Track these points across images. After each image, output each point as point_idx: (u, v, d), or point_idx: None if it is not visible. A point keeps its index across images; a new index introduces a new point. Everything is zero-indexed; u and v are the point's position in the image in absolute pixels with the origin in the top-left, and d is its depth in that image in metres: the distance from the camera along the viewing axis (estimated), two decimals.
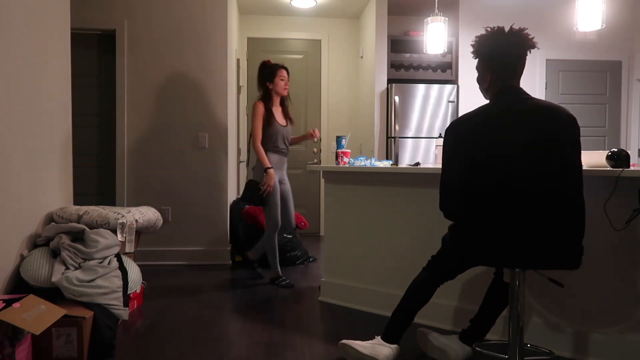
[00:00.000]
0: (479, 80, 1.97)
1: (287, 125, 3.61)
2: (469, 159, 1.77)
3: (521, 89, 1.86)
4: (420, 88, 4.88)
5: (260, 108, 3.49)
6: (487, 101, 1.94)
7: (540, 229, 1.69)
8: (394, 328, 2.08)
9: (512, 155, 1.71)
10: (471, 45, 1.95)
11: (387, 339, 2.09)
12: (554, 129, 1.72)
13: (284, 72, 3.54)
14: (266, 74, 3.53)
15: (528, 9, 5.04)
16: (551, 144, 1.71)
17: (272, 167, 3.46)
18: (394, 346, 2.08)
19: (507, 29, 1.87)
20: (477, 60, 1.96)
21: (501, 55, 1.86)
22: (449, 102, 4.91)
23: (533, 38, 1.86)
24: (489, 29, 1.89)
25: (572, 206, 1.71)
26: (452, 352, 2.14)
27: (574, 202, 1.71)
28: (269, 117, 3.49)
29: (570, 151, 1.73)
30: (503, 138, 1.73)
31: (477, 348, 2.28)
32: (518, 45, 1.85)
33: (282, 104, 3.64)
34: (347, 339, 2.44)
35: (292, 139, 3.68)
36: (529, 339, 2.34)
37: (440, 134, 4.88)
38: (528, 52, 1.87)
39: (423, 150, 4.90)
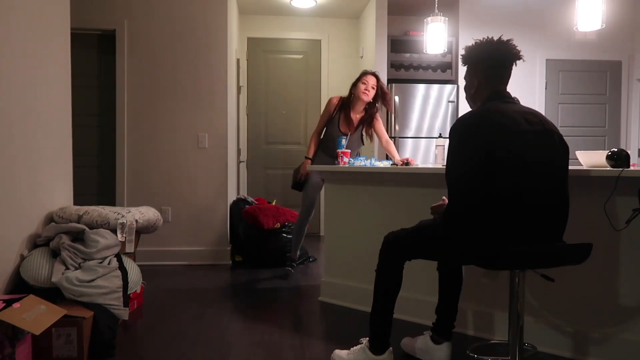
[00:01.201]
0: (466, 87, 2.00)
1: (350, 134, 3.50)
2: (474, 160, 1.74)
3: (509, 93, 1.90)
4: (420, 88, 4.88)
5: (329, 103, 3.58)
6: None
7: (545, 229, 1.73)
8: (378, 332, 2.02)
9: (519, 155, 1.71)
10: (461, 55, 1.99)
11: (375, 348, 2.02)
12: (549, 131, 1.79)
13: (368, 78, 3.46)
14: (356, 79, 3.52)
15: (528, 9, 5.04)
16: (549, 143, 1.77)
17: (310, 158, 3.59)
18: (386, 354, 2.02)
19: (495, 39, 1.91)
20: (465, 68, 1.99)
21: (490, 61, 1.89)
22: (449, 102, 4.91)
23: (520, 52, 1.89)
24: (478, 41, 1.93)
25: (567, 204, 1.80)
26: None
27: (567, 200, 1.80)
28: (333, 119, 3.53)
29: (562, 152, 1.80)
30: (507, 138, 1.72)
31: (472, 354, 2.28)
32: (507, 53, 1.88)
33: (367, 112, 3.53)
34: (347, 338, 2.44)
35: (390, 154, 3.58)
36: (528, 339, 2.34)
37: (440, 134, 4.87)
38: (514, 64, 1.90)
39: (423, 150, 4.90)
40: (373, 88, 3.45)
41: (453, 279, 2.16)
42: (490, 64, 1.89)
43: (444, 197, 2.09)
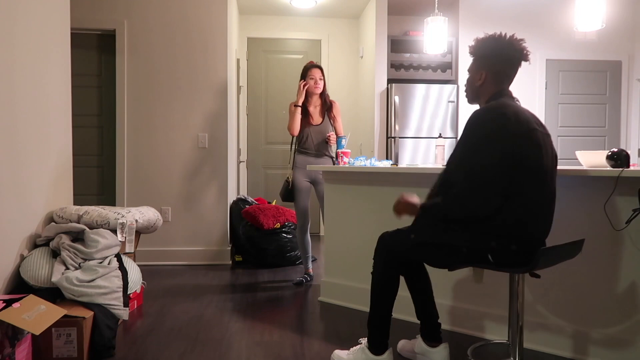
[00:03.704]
0: (470, 79, 1.94)
1: (321, 123, 3.60)
2: (496, 160, 1.71)
3: (511, 93, 1.90)
4: (420, 88, 4.88)
5: (290, 109, 3.64)
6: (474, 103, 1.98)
7: (547, 228, 1.79)
8: (377, 334, 1.99)
9: (537, 159, 1.74)
10: (469, 46, 1.94)
11: (374, 349, 2.01)
12: (549, 134, 1.86)
13: (314, 72, 3.55)
14: (302, 75, 3.60)
15: (528, 9, 5.04)
16: (552, 146, 1.84)
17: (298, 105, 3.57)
18: (386, 354, 2.01)
19: (507, 35, 1.89)
20: (472, 60, 1.94)
21: (501, 57, 1.86)
22: (449, 102, 4.91)
23: (529, 53, 1.87)
24: (489, 34, 1.90)
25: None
26: None
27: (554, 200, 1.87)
28: (301, 122, 3.57)
29: (555, 154, 1.88)
30: (530, 141, 1.73)
31: (472, 354, 2.28)
32: (518, 52, 1.86)
33: (324, 102, 3.64)
34: (347, 338, 2.44)
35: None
36: (529, 339, 2.34)
37: (440, 134, 4.87)
38: (521, 64, 1.89)
39: (423, 150, 4.90)
40: (321, 79, 3.57)
41: (419, 277, 2.08)
42: (500, 60, 1.86)
43: (403, 193, 1.98)
